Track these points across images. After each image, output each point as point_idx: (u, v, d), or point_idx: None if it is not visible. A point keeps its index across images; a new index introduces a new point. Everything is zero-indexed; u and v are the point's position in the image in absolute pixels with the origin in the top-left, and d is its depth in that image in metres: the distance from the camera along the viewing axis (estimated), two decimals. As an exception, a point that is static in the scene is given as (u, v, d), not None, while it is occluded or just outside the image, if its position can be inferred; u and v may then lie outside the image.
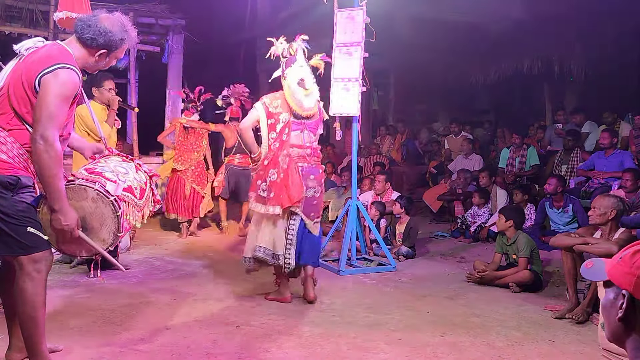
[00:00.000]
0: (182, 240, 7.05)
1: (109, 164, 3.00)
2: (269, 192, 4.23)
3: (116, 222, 2.79)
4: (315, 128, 4.46)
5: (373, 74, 10.67)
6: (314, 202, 4.38)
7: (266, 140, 4.32)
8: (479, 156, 9.07)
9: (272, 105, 4.33)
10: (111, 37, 2.76)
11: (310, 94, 4.35)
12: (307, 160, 4.37)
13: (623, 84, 9.13)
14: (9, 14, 7.96)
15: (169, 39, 9.14)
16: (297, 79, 4.31)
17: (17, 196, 2.62)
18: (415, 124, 11.86)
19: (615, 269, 1.25)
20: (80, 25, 2.75)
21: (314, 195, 4.38)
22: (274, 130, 4.31)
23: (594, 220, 4.34)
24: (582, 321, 3.98)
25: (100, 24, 2.74)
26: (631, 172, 5.91)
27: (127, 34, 2.83)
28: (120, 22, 2.81)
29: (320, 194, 4.46)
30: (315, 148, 4.45)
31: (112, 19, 2.79)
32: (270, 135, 4.31)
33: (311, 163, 4.40)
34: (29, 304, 2.66)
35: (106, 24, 2.75)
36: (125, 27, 2.83)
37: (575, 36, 8.77)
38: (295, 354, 3.35)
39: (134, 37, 2.88)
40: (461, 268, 5.84)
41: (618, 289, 1.24)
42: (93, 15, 2.80)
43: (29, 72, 2.61)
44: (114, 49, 2.80)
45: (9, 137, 2.63)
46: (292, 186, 4.20)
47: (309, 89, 4.34)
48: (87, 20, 2.76)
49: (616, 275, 1.24)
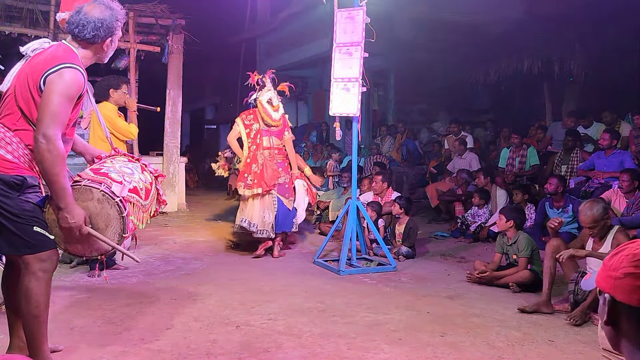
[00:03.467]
0: (182, 240, 7.05)
1: (115, 165, 3.00)
2: (253, 180, 5.96)
3: (121, 223, 2.79)
4: (279, 134, 6.15)
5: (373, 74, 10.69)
6: (286, 186, 6.10)
7: (246, 144, 6.08)
8: (474, 154, 9.07)
9: (247, 119, 6.12)
10: (108, 23, 2.75)
11: (278, 109, 6.06)
12: (275, 157, 6.06)
13: (623, 84, 9.12)
14: (9, 14, 7.96)
15: (169, 39, 9.14)
16: (266, 99, 6.02)
17: (23, 196, 2.63)
18: (415, 124, 11.86)
19: (599, 275, 1.27)
20: (75, 27, 2.73)
21: (285, 181, 6.09)
22: (250, 137, 6.07)
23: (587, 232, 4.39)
24: (580, 324, 3.97)
25: (91, 17, 2.72)
26: (628, 172, 5.91)
27: (116, 12, 2.81)
28: (104, 4, 2.79)
29: (289, 180, 6.12)
30: (280, 148, 6.15)
31: (97, 7, 2.76)
32: (248, 140, 6.08)
33: (278, 159, 6.10)
34: (33, 304, 2.66)
35: (96, 15, 2.73)
36: (110, 5, 2.81)
37: (575, 36, 8.79)
38: (295, 354, 3.35)
39: (121, 10, 2.86)
40: (461, 268, 5.84)
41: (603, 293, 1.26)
42: (78, 12, 2.76)
43: (34, 72, 2.62)
44: (114, 32, 2.81)
45: (14, 137, 2.64)
46: (266, 176, 5.93)
47: (276, 105, 6.07)
48: (77, 19, 2.73)
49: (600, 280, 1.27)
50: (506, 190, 7.55)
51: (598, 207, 4.27)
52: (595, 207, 4.27)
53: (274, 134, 6.11)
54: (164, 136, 9.42)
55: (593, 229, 4.29)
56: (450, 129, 10.22)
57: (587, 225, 4.31)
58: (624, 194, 5.85)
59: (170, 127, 9.43)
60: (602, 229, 4.28)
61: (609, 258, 1.25)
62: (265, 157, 5.98)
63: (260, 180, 5.90)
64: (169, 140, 9.41)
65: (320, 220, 8.15)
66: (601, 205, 4.29)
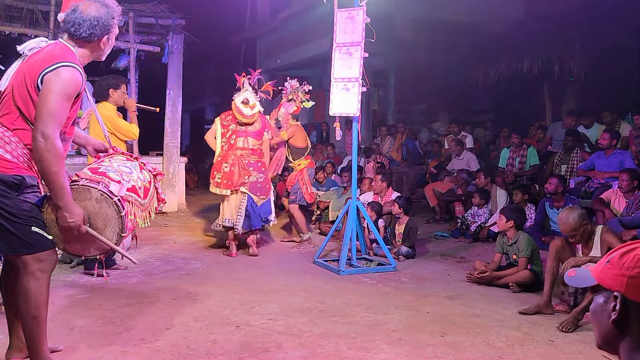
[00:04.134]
0: (182, 240, 7.05)
1: (113, 164, 3.00)
2: (222, 179, 6.10)
3: (120, 223, 2.79)
4: (257, 135, 6.20)
5: (373, 74, 10.70)
6: (258, 185, 6.15)
7: (219, 143, 6.24)
8: (472, 154, 9.06)
9: (225, 120, 6.26)
10: (104, 21, 2.74)
11: (254, 107, 6.12)
12: (248, 158, 6.14)
13: (623, 84, 9.12)
14: (9, 14, 7.95)
15: (169, 39, 9.14)
16: (242, 99, 6.14)
17: (21, 196, 2.63)
18: (415, 124, 11.86)
19: (603, 273, 1.25)
20: (71, 26, 2.71)
21: (257, 180, 6.13)
22: (225, 137, 6.21)
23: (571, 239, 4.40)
24: (572, 330, 3.93)
25: (86, 15, 2.70)
26: (628, 172, 5.91)
27: (112, 9, 2.80)
28: (100, 2, 2.77)
29: (263, 179, 6.19)
30: (255, 149, 6.19)
31: (92, 4, 2.74)
32: (222, 140, 6.22)
33: (251, 160, 6.16)
34: (32, 304, 2.66)
35: (92, 13, 2.72)
36: (106, 2, 2.79)
37: (575, 36, 8.78)
38: (295, 354, 3.35)
39: (117, 6, 2.84)
40: (461, 268, 5.84)
41: (608, 292, 1.24)
42: (73, 11, 2.74)
43: (32, 71, 2.62)
44: (111, 29, 2.80)
45: (13, 136, 2.63)
46: (234, 177, 6.05)
47: (252, 104, 6.12)
48: (73, 18, 2.71)
49: (605, 279, 1.24)
50: (506, 190, 7.55)
51: (574, 215, 4.26)
52: (571, 215, 4.27)
53: (251, 135, 6.17)
54: (164, 136, 9.42)
55: (575, 237, 4.30)
56: (450, 129, 10.22)
57: (567, 234, 4.33)
58: (623, 194, 5.85)
59: (170, 127, 9.43)
60: (584, 234, 4.29)
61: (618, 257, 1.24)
62: (237, 157, 6.08)
63: (229, 180, 6.06)
64: (169, 140, 9.41)
65: (320, 220, 8.14)
66: (577, 213, 4.28)
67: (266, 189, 6.22)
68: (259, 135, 6.24)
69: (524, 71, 9.37)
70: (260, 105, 6.25)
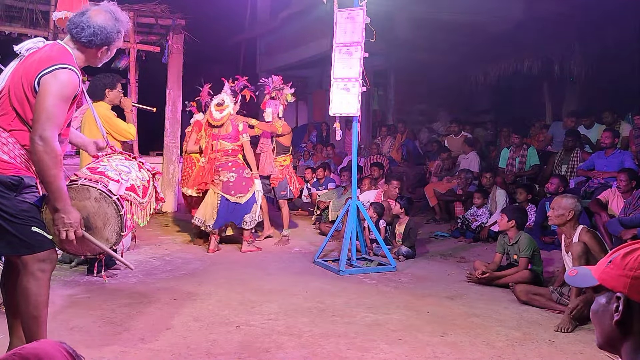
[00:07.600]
0: (182, 240, 7.05)
1: (112, 163, 3.00)
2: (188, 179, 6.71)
3: (119, 222, 2.79)
4: (229, 138, 6.37)
5: (373, 74, 10.69)
6: (230, 184, 6.26)
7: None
8: (475, 154, 9.05)
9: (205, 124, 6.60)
10: (107, 33, 2.73)
11: (225, 109, 6.32)
12: (219, 159, 6.32)
13: (623, 84, 9.12)
14: (9, 14, 7.95)
15: (169, 39, 9.13)
16: (217, 102, 6.39)
17: (20, 196, 2.62)
18: (415, 124, 11.85)
19: (606, 273, 1.24)
20: (74, 27, 2.71)
21: (229, 179, 6.27)
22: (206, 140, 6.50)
23: (552, 221, 4.50)
24: (572, 330, 3.92)
25: (93, 22, 2.69)
26: (626, 172, 5.91)
27: (121, 24, 2.79)
28: (111, 13, 2.76)
29: (235, 178, 6.27)
30: (226, 150, 6.35)
31: (103, 13, 2.74)
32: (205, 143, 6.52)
33: (222, 161, 6.32)
34: (32, 304, 2.66)
35: (99, 21, 2.71)
36: (117, 16, 2.78)
37: (575, 36, 8.78)
38: (295, 354, 3.35)
39: (127, 22, 2.84)
40: (461, 268, 5.84)
41: (611, 292, 1.24)
42: (82, 13, 2.73)
43: (28, 72, 2.60)
44: (112, 42, 2.79)
45: (10, 137, 2.63)
46: (197, 177, 6.43)
47: (224, 106, 6.34)
48: (79, 21, 2.70)
49: (608, 279, 1.24)
50: (506, 190, 7.55)
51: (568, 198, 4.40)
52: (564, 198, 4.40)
53: (223, 138, 6.34)
54: (164, 136, 9.42)
55: (562, 222, 4.35)
56: (451, 129, 10.21)
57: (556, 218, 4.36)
58: (621, 194, 5.85)
59: (170, 127, 9.42)
60: (570, 221, 4.32)
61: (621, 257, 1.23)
62: (210, 159, 6.31)
63: (194, 180, 6.48)
64: (169, 140, 9.41)
65: (320, 220, 8.14)
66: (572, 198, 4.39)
67: (242, 187, 6.27)
68: (233, 137, 6.38)
69: (524, 71, 9.37)
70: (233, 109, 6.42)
